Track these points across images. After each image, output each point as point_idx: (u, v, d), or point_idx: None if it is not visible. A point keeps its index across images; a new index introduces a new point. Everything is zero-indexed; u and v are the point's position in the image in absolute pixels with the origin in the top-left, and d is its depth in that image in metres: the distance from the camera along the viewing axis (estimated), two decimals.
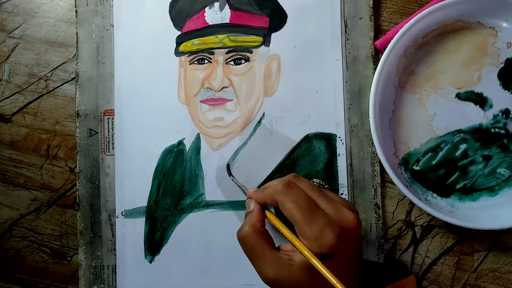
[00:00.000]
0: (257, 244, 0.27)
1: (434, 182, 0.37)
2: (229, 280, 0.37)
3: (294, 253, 0.26)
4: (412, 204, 0.37)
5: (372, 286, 0.29)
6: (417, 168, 0.37)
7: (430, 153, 0.37)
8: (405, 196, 0.37)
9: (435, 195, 0.37)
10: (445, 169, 0.37)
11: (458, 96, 0.37)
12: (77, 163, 0.37)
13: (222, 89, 0.37)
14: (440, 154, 0.37)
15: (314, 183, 0.31)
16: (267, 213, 0.29)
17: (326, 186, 0.36)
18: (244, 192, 0.33)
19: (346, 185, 0.37)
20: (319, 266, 0.25)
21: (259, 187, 0.37)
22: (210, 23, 0.37)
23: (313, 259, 0.25)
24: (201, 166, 0.37)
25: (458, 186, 0.37)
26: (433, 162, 0.37)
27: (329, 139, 0.37)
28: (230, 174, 0.36)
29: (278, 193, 0.27)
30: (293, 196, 0.27)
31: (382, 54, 0.35)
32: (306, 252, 0.25)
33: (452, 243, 0.37)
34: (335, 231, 0.26)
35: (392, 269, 0.32)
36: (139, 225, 0.37)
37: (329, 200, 0.28)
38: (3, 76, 0.39)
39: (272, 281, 0.27)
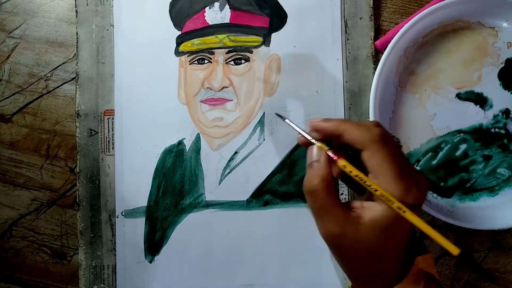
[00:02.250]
0: (327, 198, 0.25)
1: (434, 182, 0.37)
2: (229, 280, 0.37)
3: (363, 210, 0.25)
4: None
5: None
6: (417, 168, 0.37)
7: (430, 153, 0.37)
8: None
9: (435, 195, 0.37)
10: (445, 169, 0.37)
11: (458, 96, 0.37)
12: (77, 163, 0.37)
13: (222, 89, 0.37)
14: (440, 154, 0.37)
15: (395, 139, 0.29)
16: (342, 162, 0.25)
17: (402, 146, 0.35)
18: (306, 137, 0.27)
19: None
20: (408, 213, 0.23)
21: (259, 186, 0.37)
22: (210, 23, 0.37)
23: (400, 205, 0.23)
24: (201, 166, 0.37)
25: (458, 186, 0.37)
26: (433, 162, 0.37)
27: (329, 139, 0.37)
28: (283, 118, 0.31)
29: (373, 141, 0.24)
30: (388, 148, 0.24)
31: (382, 54, 0.35)
32: (392, 199, 0.23)
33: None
34: (420, 191, 0.24)
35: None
36: (139, 225, 0.37)
37: (408, 160, 0.26)
38: (3, 76, 0.39)
39: (335, 238, 0.25)
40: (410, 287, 0.25)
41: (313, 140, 0.27)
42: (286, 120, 0.30)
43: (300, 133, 0.28)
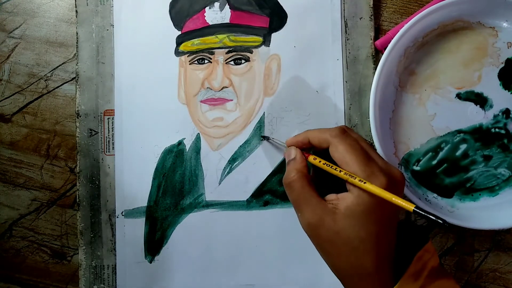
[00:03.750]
0: (304, 188, 0.27)
1: (434, 182, 0.37)
2: (229, 280, 0.37)
3: (339, 201, 0.26)
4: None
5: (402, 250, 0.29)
6: (418, 168, 0.37)
7: (430, 153, 0.37)
8: (405, 196, 0.37)
9: (435, 195, 0.37)
10: (446, 169, 0.37)
11: (458, 96, 0.37)
12: (77, 163, 0.37)
13: (222, 89, 0.37)
14: (440, 154, 0.37)
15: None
16: (312, 157, 0.29)
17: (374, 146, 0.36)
18: (282, 144, 0.33)
19: None
20: (378, 191, 0.25)
21: (259, 186, 0.37)
22: (210, 23, 0.37)
23: (371, 187, 0.25)
24: (201, 166, 0.37)
25: (458, 186, 0.37)
26: (433, 162, 0.37)
27: None
28: (267, 138, 0.36)
29: (332, 136, 0.28)
30: (348, 140, 0.27)
31: (382, 54, 0.35)
32: (354, 175, 0.25)
33: (452, 243, 0.37)
34: (386, 176, 0.26)
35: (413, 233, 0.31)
36: (139, 225, 0.37)
37: (377, 154, 0.28)
38: (3, 76, 0.39)
39: (314, 227, 0.27)
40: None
41: (286, 146, 0.31)
42: (270, 140, 0.36)
43: (281, 145, 0.33)
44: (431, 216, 0.23)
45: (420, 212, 0.23)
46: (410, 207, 0.24)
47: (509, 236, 0.37)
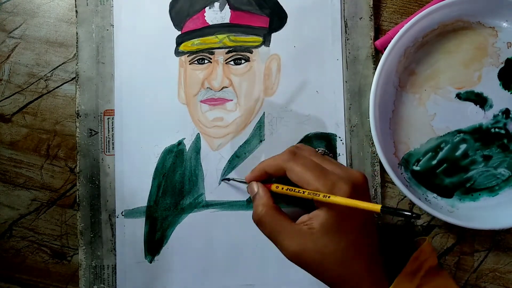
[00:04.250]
0: (275, 220, 0.28)
1: (434, 182, 0.37)
2: (229, 280, 0.36)
3: (312, 220, 0.27)
4: (412, 204, 0.37)
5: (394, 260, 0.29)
6: (417, 168, 0.37)
7: (430, 153, 0.37)
8: (405, 196, 0.37)
9: (435, 195, 0.37)
10: (445, 169, 0.37)
11: (458, 96, 0.37)
12: (77, 163, 0.37)
13: (222, 89, 0.37)
14: (440, 154, 0.36)
15: (319, 151, 0.31)
16: (274, 185, 0.30)
17: (330, 155, 0.36)
18: (243, 182, 0.33)
19: None
20: (332, 197, 0.25)
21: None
22: (210, 23, 0.37)
23: (325, 193, 0.25)
24: (201, 166, 0.37)
25: (458, 186, 0.36)
26: (433, 162, 0.37)
27: (329, 139, 0.37)
28: (227, 180, 0.37)
29: (285, 161, 0.28)
30: (300, 160, 0.28)
31: (382, 54, 0.35)
32: (316, 191, 0.26)
33: (452, 243, 0.37)
34: (347, 183, 0.26)
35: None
36: (139, 225, 0.37)
37: (333, 163, 0.29)
38: (3, 76, 0.38)
39: (297, 254, 0.27)
40: (405, 286, 0.26)
41: (246, 181, 0.32)
42: (231, 182, 0.36)
43: (240, 182, 0.34)
44: (399, 211, 0.23)
45: (388, 210, 0.24)
46: (377, 207, 0.24)
47: (509, 236, 0.37)
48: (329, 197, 0.25)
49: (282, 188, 0.29)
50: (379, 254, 0.28)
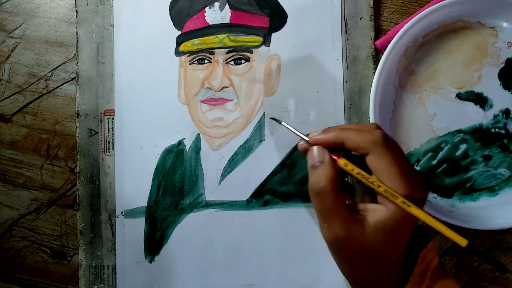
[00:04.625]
0: (336, 198, 0.24)
1: (434, 182, 0.36)
2: (229, 280, 0.36)
3: (368, 212, 0.25)
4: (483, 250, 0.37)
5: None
6: (418, 168, 0.37)
7: (430, 153, 0.36)
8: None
9: (435, 195, 0.37)
10: (446, 169, 0.36)
11: (459, 96, 0.36)
12: (77, 163, 0.37)
13: (222, 89, 0.37)
14: (441, 154, 0.36)
15: None
16: (343, 162, 0.25)
17: None
18: (303, 139, 0.27)
19: None
20: (413, 208, 0.23)
21: (259, 186, 0.37)
22: (210, 23, 0.37)
23: (405, 200, 0.23)
24: (201, 166, 0.37)
25: (458, 186, 0.36)
26: (433, 162, 0.36)
27: None
28: (279, 121, 0.31)
29: (374, 143, 0.24)
30: (391, 150, 0.24)
31: (382, 54, 0.35)
32: (396, 194, 0.23)
33: (452, 243, 0.37)
34: (426, 192, 0.25)
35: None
36: (139, 225, 0.37)
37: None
38: (3, 76, 0.38)
39: (340, 240, 0.25)
40: None
41: (309, 141, 0.27)
42: (283, 123, 0.30)
43: (299, 136, 0.28)
44: (487, 258, 0.22)
45: (474, 250, 0.22)
46: (463, 242, 0.23)
47: (509, 236, 0.37)
48: (409, 206, 0.23)
49: (352, 169, 0.25)
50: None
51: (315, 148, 0.26)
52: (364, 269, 0.25)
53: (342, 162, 0.25)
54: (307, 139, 0.27)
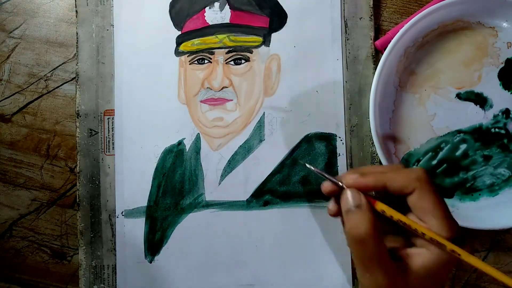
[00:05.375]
0: (380, 248, 0.23)
1: (434, 182, 0.36)
2: (229, 280, 0.36)
3: (410, 258, 0.23)
4: None
5: None
6: None
7: (430, 153, 0.36)
8: None
9: None
10: (446, 169, 0.36)
11: (458, 96, 0.36)
12: (77, 163, 0.37)
13: (222, 89, 0.37)
14: (440, 154, 0.36)
15: None
16: (381, 206, 0.23)
17: None
18: (336, 183, 0.25)
19: None
20: (465, 255, 0.22)
21: (259, 186, 0.36)
22: (210, 23, 0.37)
23: (454, 248, 0.22)
24: (201, 166, 0.37)
25: (458, 186, 0.36)
26: (433, 162, 0.36)
27: (329, 139, 0.36)
28: (304, 164, 0.29)
29: (422, 181, 0.23)
30: (434, 187, 0.23)
31: (382, 54, 0.34)
32: (445, 242, 0.22)
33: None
34: (459, 232, 0.23)
35: None
36: (139, 225, 0.36)
37: None
38: (3, 76, 0.38)
39: None
40: None
41: (344, 186, 0.25)
42: (308, 167, 0.28)
43: (330, 180, 0.25)
44: None
45: None
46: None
47: (509, 236, 0.37)
48: (459, 255, 0.22)
49: (391, 216, 0.23)
50: None
51: (349, 191, 0.24)
52: None
53: (379, 205, 0.24)
54: (340, 184, 0.25)
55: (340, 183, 0.25)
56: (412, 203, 0.23)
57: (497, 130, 0.36)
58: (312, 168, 0.27)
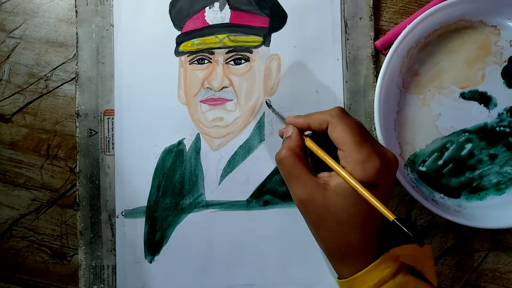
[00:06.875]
0: (294, 166, 0.26)
1: (441, 182, 0.35)
2: (229, 280, 0.34)
3: (331, 178, 0.26)
4: (412, 204, 0.35)
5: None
6: (423, 169, 0.35)
7: (436, 154, 0.35)
8: (405, 196, 0.35)
9: (442, 195, 0.35)
10: (452, 169, 0.35)
11: (462, 95, 0.35)
12: (77, 163, 0.35)
13: (222, 89, 0.35)
14: (446, 154, 0.35)
15: None
16: (308, 140, 0.28)
17: None
18: (284, 121, 0.30)
19: None
20: (362, 191, 0.24)
21: (259, 186, 0.35)
22: (210, 23, 0.35)
23: (356, 185, 0.24)
24: (201, 166, 0.35)
25: (465, 186, 0.35)
26: (439, 163, 0.35)
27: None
28: (270, 106, 0.34)
29: (332, 116, 0.26)
30: (346, 120, 0.26)
31: (382, 54, 0.33)
32: (348, 178, 0.24)
33: (452, 243, 0.35)
34: (380, 158, 0.25)
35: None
36: (139, 225, 0.35)
37: (373, 138, 0.27)
38: (3, 76, 0.36)
39: (304, 202, 0.26)
40: (377, 273, 0.25)
41: (285, 123, 0.29)
42: (271, 109, 0.33)
43: (280, 119, 0.31)
44: (408, 231, 0.23)
45: (398, 223, 0.23)
46: (390, 217, 0.23)
47: (509, 236, 0.35)
48: (359, 184, 0.24)
49: (313, 146, 0.27)
50: (378, 233, 0.26)
51: (289, 126, 0.29)
52: (329, 232, 0.26)
53: (308, 140, 0.27)
54: (284, 119, 0.30)
55: (284, 121, 0.30)
56: (330, 136, 0.26)
57: (502, 128, 0.34)
58: (274, 109, 0.33)
